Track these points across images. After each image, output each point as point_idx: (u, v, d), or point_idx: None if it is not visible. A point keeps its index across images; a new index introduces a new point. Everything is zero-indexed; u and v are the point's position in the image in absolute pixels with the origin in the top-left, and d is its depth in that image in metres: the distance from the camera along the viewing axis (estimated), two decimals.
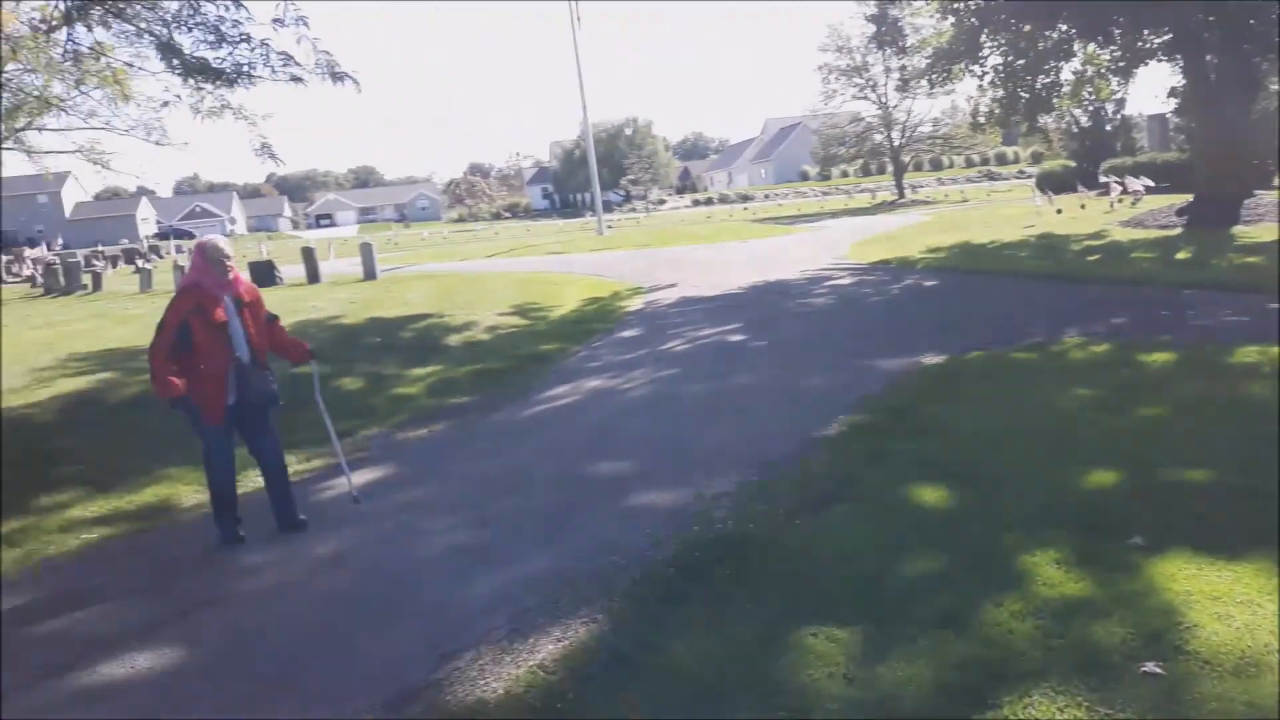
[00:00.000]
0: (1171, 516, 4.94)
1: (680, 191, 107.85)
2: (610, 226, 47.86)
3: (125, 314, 18.82)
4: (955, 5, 23.00)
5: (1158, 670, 3.55)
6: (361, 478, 6.97)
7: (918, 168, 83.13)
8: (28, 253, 53.17)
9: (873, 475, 6.05)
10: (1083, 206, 29.24)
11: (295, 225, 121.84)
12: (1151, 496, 5.28)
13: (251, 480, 6.65)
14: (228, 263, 5.62)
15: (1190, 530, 4.73)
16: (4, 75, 25.64)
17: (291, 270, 26.38)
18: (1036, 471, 5.85)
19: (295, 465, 7.42)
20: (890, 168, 65.15)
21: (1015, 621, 4.00)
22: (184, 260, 34.44)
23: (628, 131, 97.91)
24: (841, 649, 3.91)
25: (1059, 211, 27.94)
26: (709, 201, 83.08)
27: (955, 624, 4.02)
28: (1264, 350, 8.61)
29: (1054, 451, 6.20)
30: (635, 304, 15.95)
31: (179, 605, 4.96)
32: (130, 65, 19.20)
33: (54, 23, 14.21)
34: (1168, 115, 37.47)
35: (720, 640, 4.06)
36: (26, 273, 40.52)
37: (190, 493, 6.92)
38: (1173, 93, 23.20)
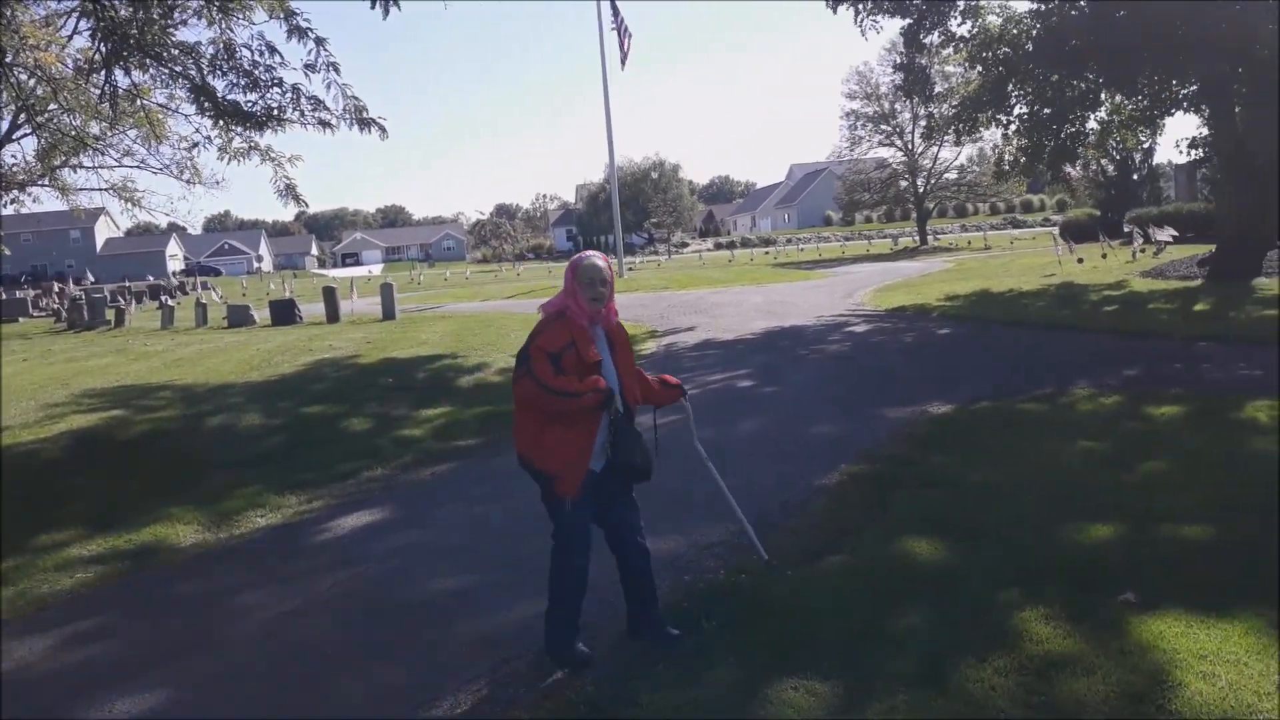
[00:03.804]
0: (1166, 573, 4.88)
1: (703, 234, 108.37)
2: (630, 269, 48.09)
3: (143, 350, 19.04)
4: (983, 55, 23.14)
5: None
6: (361, 519, 7.02)
7: (941, 214, 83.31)
8: (57, 287, 54.00)
9: (871, 527, 6.01)
10: (1104, 256, 29.14)
11: (322, 263, 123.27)
12: (1148, 552, 5.23)
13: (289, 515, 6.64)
14: (603, 289, 4.43)
15: (1183, 587, 4.67)
16: (44, 115, 26.28)
17: (313, 309, 26.65)
18: (1037, 525, 5.79)
19: (298, 506, 7.51)
20: (914, 214, 65.27)
21: (998, 678, 3.95)
22: (207, 297, 34.83)
23: (654, 175, 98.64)
24: (820, 703, 3.87)
25: (1080, 261, 27.85)
26: (731, 245, 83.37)
27: (938, 680, 3.97)
28: (1273, 405, 8.53)
29: (1056, 505, 6.14)
30: (649, 347, 15.97)
31: (163, 649, 4.97)
32: (164, 107, 19.68)
33: (94, 65, 14.59)
34: (1196, 165, 37.40)
35: (700, 692, 4.02)
36: (54, 306, 41.10)
37: (190, 532, 6.96)
38: (1193, 143, 23.16)
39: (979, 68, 24.18)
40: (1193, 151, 23.14)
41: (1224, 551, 5.17)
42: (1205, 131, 22.16)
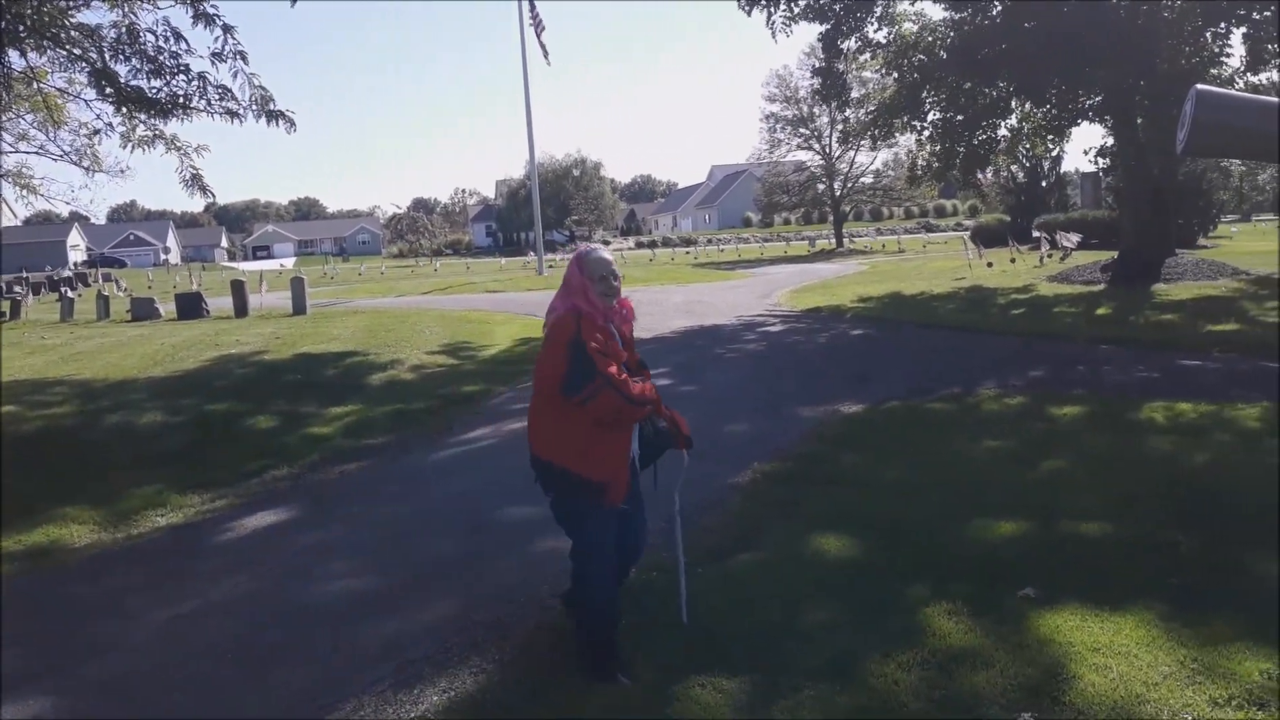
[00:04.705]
0: (1065, 568, 5.03)
1: (625, 233, 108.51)
2: (551, 266, 47.90)
3: (40, 343, 18.29)
4: (900, 62, 23.59)
5: None
6: (265, 519, 6.84)
7: (857, 217, 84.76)
8: None
9: (781, 524, 6.05)
10: (1013, 260, 29.95)
11: (232, 256, 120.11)
12: (1049, 548, 5.38)
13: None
14: (615, 283, 4.20)
15: (1081, 582, 4.81)
16: None
17: (221, 303, 25.95)
18: (943, 522, 5.90)
19: (200, 505, 7.28)
20: (830, 216, 66.26)
21: (901, 672, 4.01)
22: (109, 289, 33.60)
23: (576, 172, 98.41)
24: (727, 700, 3.88)
25: (989, 265, 28.56)
26: (653, 244, 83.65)
27: (844, 675, 4.01)
28: (1169, 405, 8.86)
29: (961, 502, 6.27)
30: None
31: (54, 654, 4.76)
32: (63, 92, 18.92)
33: None
34: (1100, 173, 38.72)
35: (608, 692, 4.00)
36: None
37: (85, 533, 6.69)
38: (1101, 152, 23.96)
39: (895, 74, 24.64)
40: (1101, 160, 23.94)
41: (1119, 547, 5.35)
42: (1110, 141, 22.94)
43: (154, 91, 12.08)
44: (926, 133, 24.80)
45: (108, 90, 12.21)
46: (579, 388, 3.92)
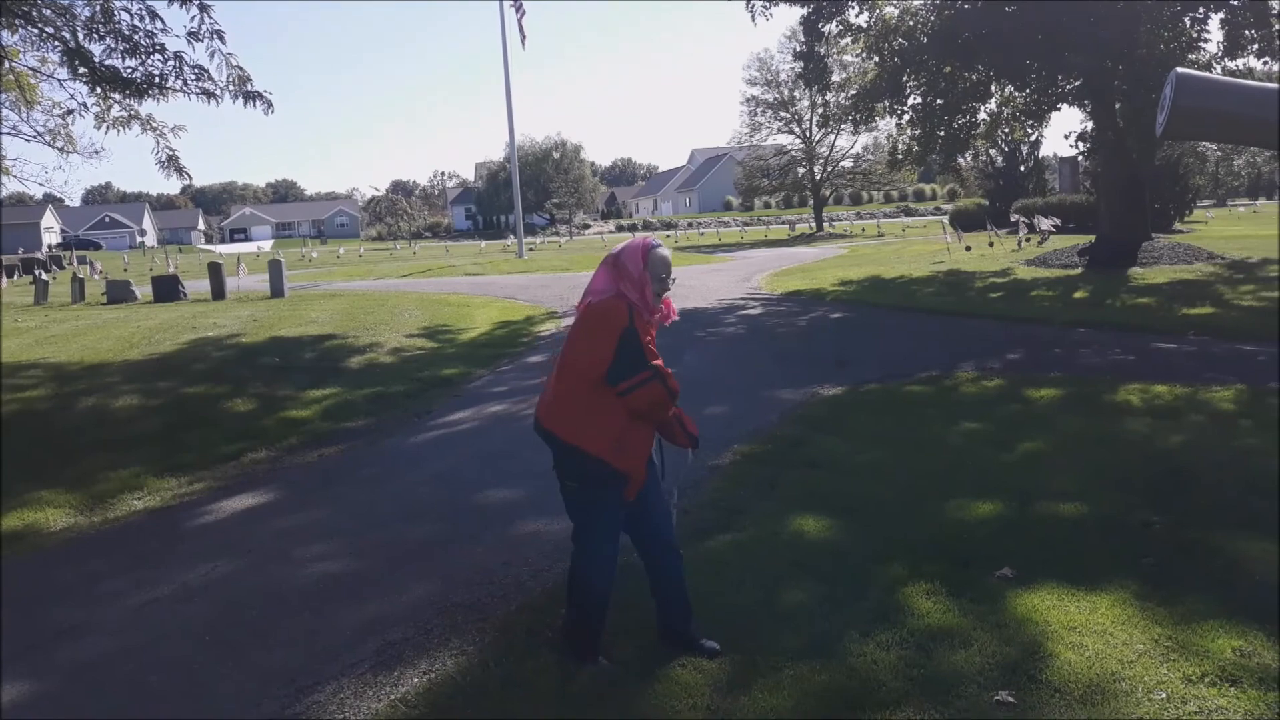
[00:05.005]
0: (1041, 548, 5.07)
1: (605, 216, 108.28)
2: (531, 249, 47.81)
3: (13, 326, 18.08)
4: (880, 46, 23.57)
5: (1010, 699, 3.62)
6: (243, 502, 6.81)
7: (837, 201, 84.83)
8: None
9: (761, 506, 6.07)
10: (991, 244, 30.08)
11: (209, 239, 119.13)
12: (1026, 529, 5.42)
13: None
14: (671, 282, 4.14)
15: (1057, 562, 4.86)
16: None
17: (198, 285, 25.75)
18: (920, 504, 5.94)
19: (177, 489, 7.23)
20: (810, 200, 66.31)
21: (880, 652, 4.04)
22: (84, 272, 33.18)
23: (555, 155, 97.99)
24: (708, 680, 3.90)
25: (968, 249, 28.69)
26: (633, 228, 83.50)
27: (823, 655, 4.04)
28: (1145, 388, 8.95)
29: (939, 484, 6.31)
30: (548, 328, 15.91)
31: (28, 638, 4.72)
32: (36, 71, 18.65)
33: None
34: (1078, 158, 38.81)
35: (589, 672, 4.01)
36: None
37: (61, 516, 6.64)
38: (1081, 136, 24.04)
39: (876, 58, 24.61)
40: (1080, 144, 24.03)
41: (1094, 527, 5.40)
42: (1089, 126, 23.02)
43: (129, 71, 11.95)
44: (907, 117, 24.79)
45: (81, 70, 12.05)
46: (622, 378, 3.89)
